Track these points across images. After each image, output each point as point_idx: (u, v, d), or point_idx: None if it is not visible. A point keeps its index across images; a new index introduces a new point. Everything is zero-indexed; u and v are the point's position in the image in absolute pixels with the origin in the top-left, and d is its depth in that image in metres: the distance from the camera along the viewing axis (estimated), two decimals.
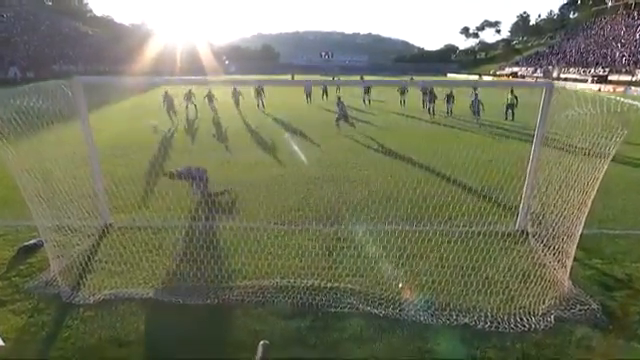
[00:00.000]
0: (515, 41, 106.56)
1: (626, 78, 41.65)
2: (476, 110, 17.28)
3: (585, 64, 52.01)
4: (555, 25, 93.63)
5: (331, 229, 6.12)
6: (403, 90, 22.90)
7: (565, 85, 36.64)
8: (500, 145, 12.01)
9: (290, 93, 28.61)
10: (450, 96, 19.10)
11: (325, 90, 26.33)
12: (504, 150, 9.96)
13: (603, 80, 42.80)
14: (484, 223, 6.22)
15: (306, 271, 4.90)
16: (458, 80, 56.54)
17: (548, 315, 4.07)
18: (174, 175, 7.20)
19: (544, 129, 5.69)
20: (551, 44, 75.50)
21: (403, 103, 22.73)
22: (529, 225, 5.99)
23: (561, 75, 52.71)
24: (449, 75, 79.36)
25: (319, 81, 17.52)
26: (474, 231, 5.90)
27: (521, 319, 4.01)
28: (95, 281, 4.67)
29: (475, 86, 20.41)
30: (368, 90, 24.35)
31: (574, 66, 53.81)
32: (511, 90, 18.13)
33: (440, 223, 6.34)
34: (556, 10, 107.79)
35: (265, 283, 4.66)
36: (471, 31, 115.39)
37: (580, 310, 4.15)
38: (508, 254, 5.27)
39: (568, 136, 5.04)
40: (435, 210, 6.40)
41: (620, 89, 35.88)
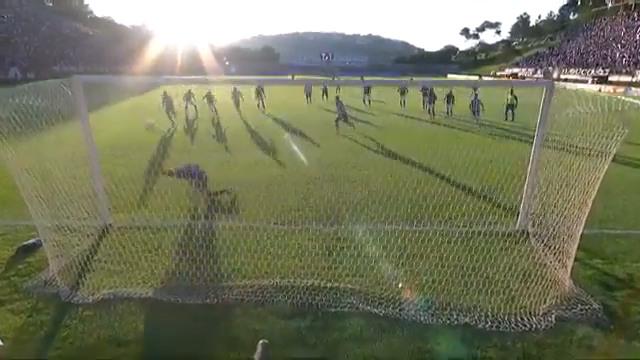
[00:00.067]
0: (515, 42, 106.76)
1: (626, 79, 41.68)
2: (476, 110, 17.29)
3: (585, 65, 52.07)
4: (555, 26, 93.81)
5: (331, 229, 6.11)
6: (403, 90, 22.94)
7: (565, 86, 36.63)
8: (500, 145, 11.99)
9: (290, 93, 28.58)
10: (450, 96, 19.08)
11: (325, 90, 26.42)
12: (504, 150, 9.94)
13: (603, 81, 42.79)
14: (484, 223, 6.21)
15: (306, 271, 4.88)
16: (457, 80, 56.57)
17: (549, 315, 4.05)
18: (173, 173, 7.19)
19: (544, 129, 5.67)
20: (551, 45, 75.58)
21: (403, 103, 22.74)
22: (530, 225, 5.97)
23: (561, 76, 52.72)
24: (449, 76, 79.48)
25: (319, 81, 17.50)
26: (474, 231, 5.89)
27: (522, 319, 3.99)
28: (94, 281, 4.66)
29: (475, 86, 20.43)
30: (368, 90, 24.39)
31: (574, 67, 53.87)
32: (511, 90, 18.15)
33: (440, 223, 6.33)
34: (556, 11, 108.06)
35: (265, 283, 4.64)
36: (471, 32, 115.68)
37: (581, 310, 4.13)
38: (509, 254, 5.25)
39: (568, 136, 5.03)
40: (435, 210, 6.39)
41: (620, 90, 35.86)
